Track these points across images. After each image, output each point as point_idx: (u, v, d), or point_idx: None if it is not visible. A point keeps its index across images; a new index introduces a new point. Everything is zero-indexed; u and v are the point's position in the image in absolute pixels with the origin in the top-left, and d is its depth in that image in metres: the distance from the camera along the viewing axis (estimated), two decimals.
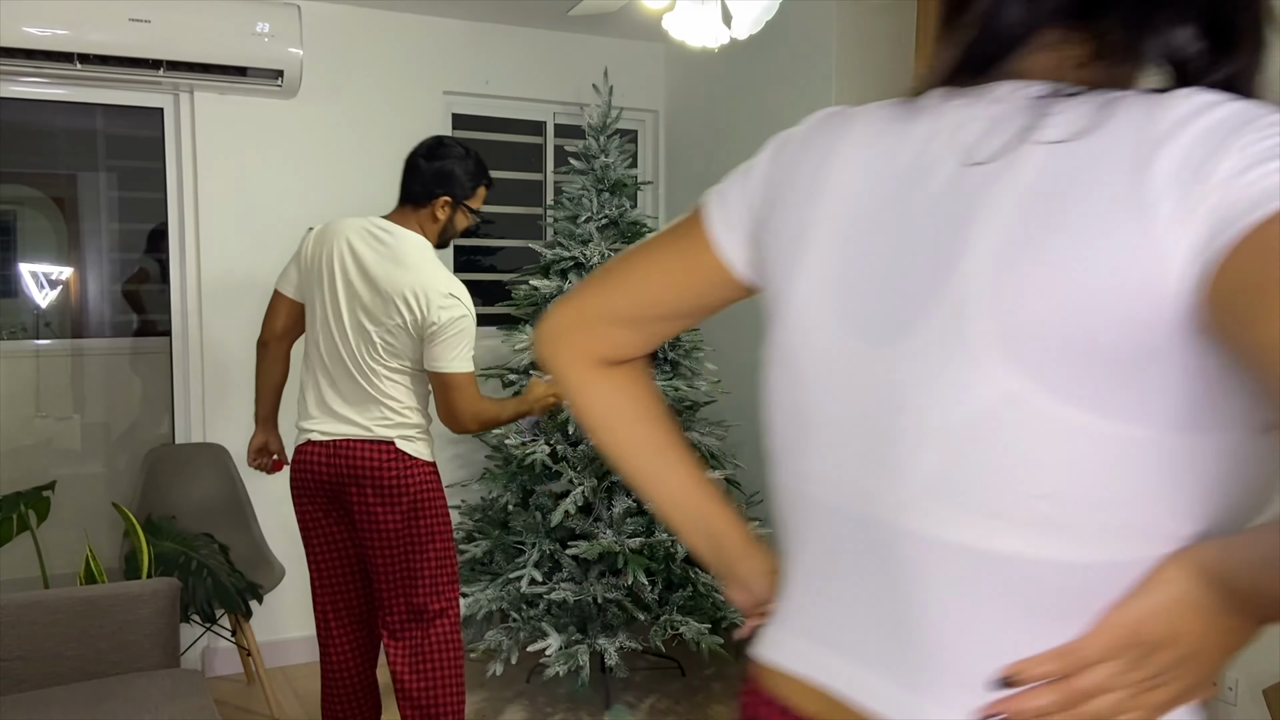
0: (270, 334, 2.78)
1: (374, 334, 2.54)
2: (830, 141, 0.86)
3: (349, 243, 2.62)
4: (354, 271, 2.59)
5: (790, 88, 3.85)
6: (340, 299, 2.59)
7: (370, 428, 2.56)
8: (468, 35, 4.23)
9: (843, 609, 0.81)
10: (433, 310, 2.48)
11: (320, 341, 2.62)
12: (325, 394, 2.62)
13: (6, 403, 3.83)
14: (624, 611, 3.42)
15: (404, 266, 2.54)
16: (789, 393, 0.89)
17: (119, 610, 2.67)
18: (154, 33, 3.39)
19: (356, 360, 2.56)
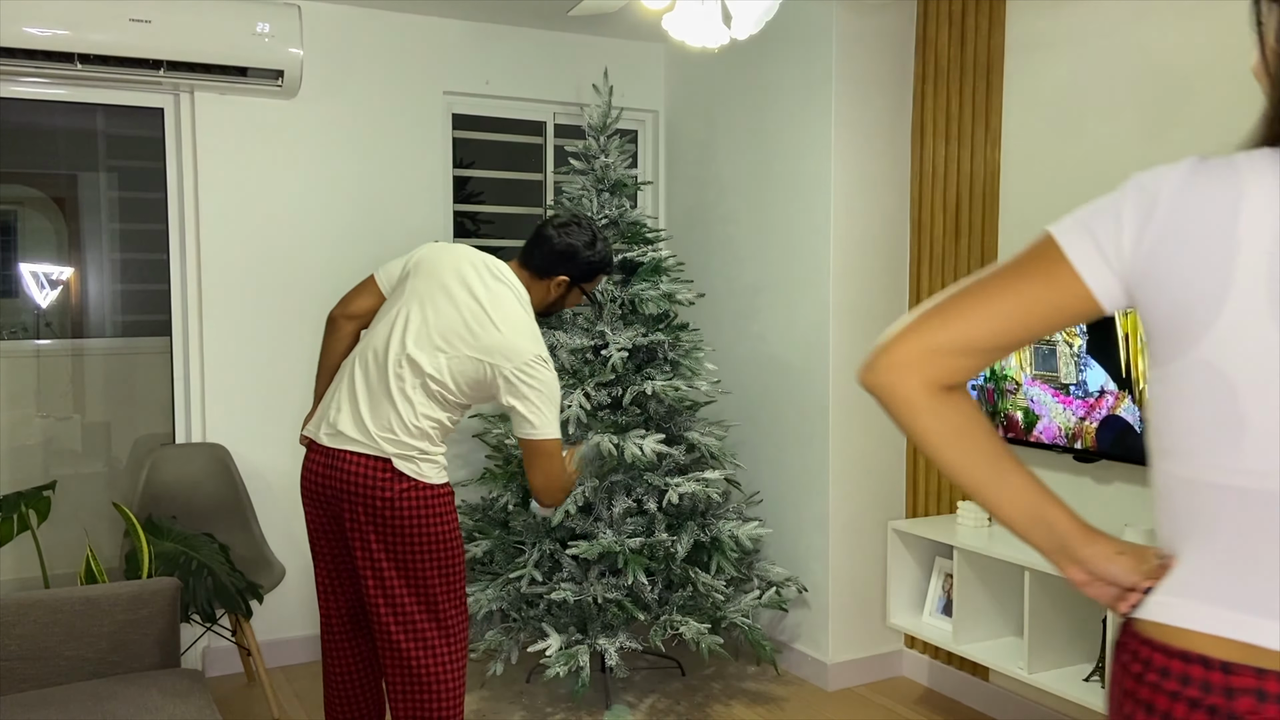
0: (344, 311, 2.70)
1: (439, 359, 2.47)
2: (1231, 189, 1.02)
3: (461, 268, 2.57)
4: (453, 296, 2.53)
5: (790, 88, 3.85)
6: (420, 310, 2.52)
7: (377, 443, 2.48)
8: (468, 35, 4.24)
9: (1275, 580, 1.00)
10: (520, 376, 2.44)
11: (376, 347, 2.54)
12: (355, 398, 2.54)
13: (7, 403, 3.83)
14: (624, 611, 3.42)
15: (501, 321, 2.49)
16: (1223, 401, 1.03)
17: (119, 610, 2.68)
18: (154, 33, 3.39)
19: (400, 377, 2.48)
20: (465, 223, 4.52)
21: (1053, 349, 3.10)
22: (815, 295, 3.76)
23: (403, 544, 2.51)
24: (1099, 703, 2.80)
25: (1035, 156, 3.33)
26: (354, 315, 2.70)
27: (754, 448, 4.13)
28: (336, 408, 2.56)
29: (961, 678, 3.66)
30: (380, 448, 2.47)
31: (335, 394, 2.59)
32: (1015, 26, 3.39)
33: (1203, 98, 2.84)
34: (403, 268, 2.65)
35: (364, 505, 2.48)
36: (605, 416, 3.56)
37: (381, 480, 2.46)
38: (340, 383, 2.60)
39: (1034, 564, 2.95)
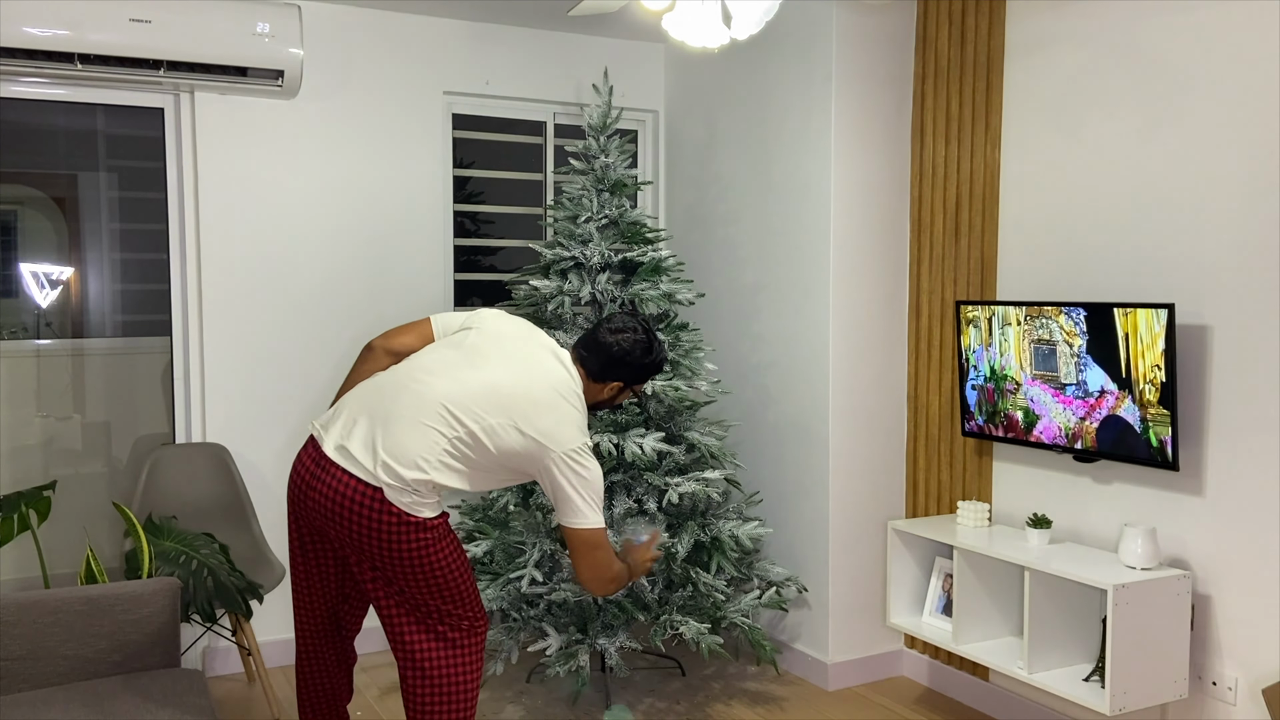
0: (386, 344, 2.63)
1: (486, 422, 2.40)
2: None
3: (528, 343, 2.54)
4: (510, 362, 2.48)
5: (790, 88, 3.85)
6: (471, 363, 2.46)
7: (377, 472, 2.37)
8: (468, 35, 4.24)
9: None
10: (559, 471, 2.41)
11: (423, 379, 2.44)
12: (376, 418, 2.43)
13: (7, 403, 3.83)
14: (624, 611, 3.42)
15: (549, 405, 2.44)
16: None
17: (119, 610, 2.68)
18: (154, 33, 3.39)
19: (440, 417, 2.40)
20: (465, 223, 4.52)
21: (1053, 349, 3.11)
22: (815, 295, 3.76)
23: (392, 571, 2.43)
24: (1099, 703, 2.80)
25: (1035, 156, 3.33)
26: (395, 351, 2.63)
27: (754, 448, 4.13)
28: (351, 420, 2.46)
29: (961, 678, 3.66)
30: (377, 476, 2.36)
31: (359, 405, 2.48)
32: (1015, 26, 3.39)
33: (1203, 97, 2.84)
34: (463, 321, 2.62)
35: (348, 525, 2.39)
36: (605, 416, 3.56)
37: (369, 506, 2.37)
38: (369, 398, 2.48)
39: (1034, 564, 2.95)
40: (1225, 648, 2.83)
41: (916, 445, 3.82)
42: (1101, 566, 2.89)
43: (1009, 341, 3.25)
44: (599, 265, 3.70)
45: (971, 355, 3.40)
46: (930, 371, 3.75)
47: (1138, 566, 2.87)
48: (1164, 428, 2.81)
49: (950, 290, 3.65)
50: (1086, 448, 3.03)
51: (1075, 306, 3.02)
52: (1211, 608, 2.86)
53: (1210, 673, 2.86)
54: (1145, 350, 2.83)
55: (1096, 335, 2.96)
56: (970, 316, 3.39)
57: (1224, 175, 2.79)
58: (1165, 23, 2.92)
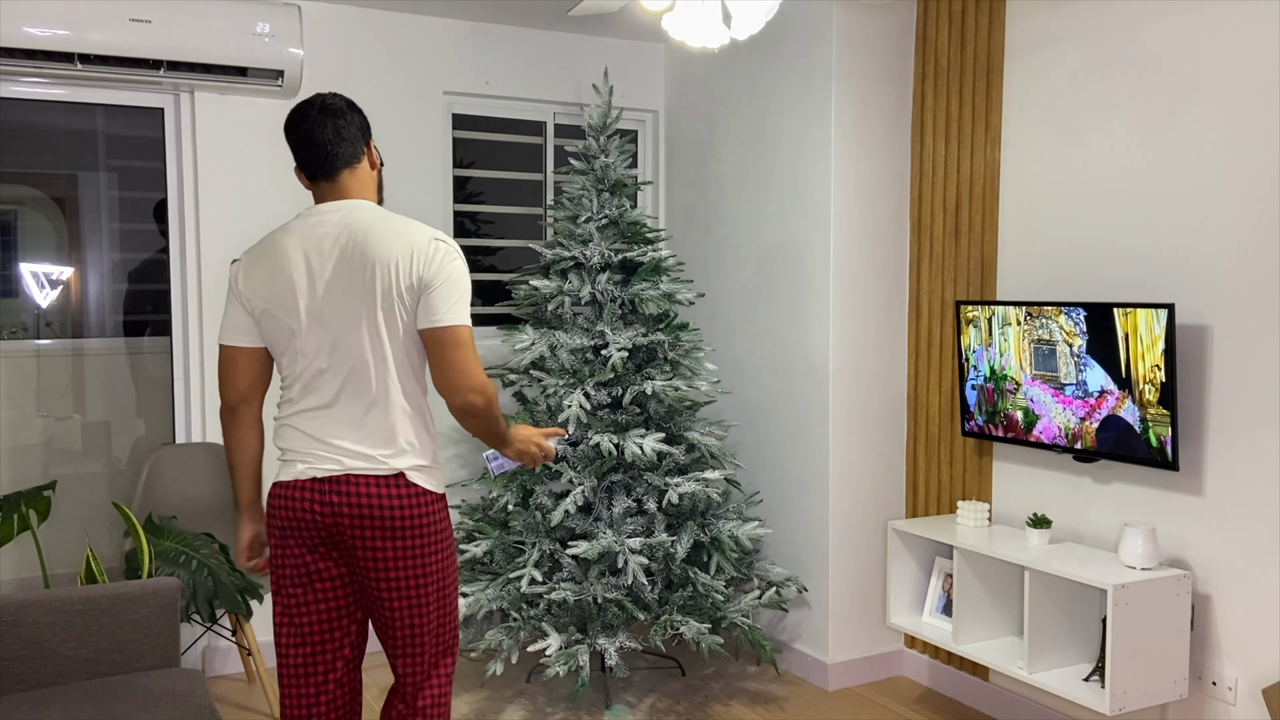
0: (236, 395, 2.29)
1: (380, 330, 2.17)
2: None
3: (305, 254, 2.21)
4: (323, 268, 2.19)
5: (790, 88, 3.85)
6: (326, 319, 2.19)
7: (376, 457, 2.20)
8: (468, 35, 4.24)
9: None
10: (431, 260, 2.15)
11: (307, 367, 2.22)
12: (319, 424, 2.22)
13: (7, 403, 3.83)
14: (624, 611, 3.42)
15: (376, 241, 2.17)
16: None
17: (119, 610, 2.68)
18: (154, 33, 3.39)
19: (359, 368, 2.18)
20: (465, 223, 4.52)
21: (1053, 349, 3.11)
22: (815, 295, 3.76)
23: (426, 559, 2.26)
24: (1099, 703, 2.80)
25: (1035, 156, 3.33)
26: (246, 394, 2.31)
27: (754, 448, 4.13)
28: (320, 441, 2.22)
29: (961, 677, 3.66)
30: (385, 464, 2.20)
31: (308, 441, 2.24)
32: (1015, 26, 3.39)
33: (1203, 98, 2.84)
34: (245, 309, 2.26)
35: (382, 528, 2.20)
36: (605, 416, 3.56)
37: (399, 497, 2.21)
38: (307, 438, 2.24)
39: (1034, 564, 2.95)
40: (1225, 648, 2.83)
41: (916, 445, 3.82)
42: (1101, 566, 2.89)
43: (1009, 341, 3.25)
44: (599, 265, 3.70)
45: (971, 355, 3.40)
46: (930, 371, 3.75)
47: (1138, 566, 2.87)
48: (1164, 428, 2.81)
49: (950, 290, 3.65)
50: (1086, 448, 3.03)
51: (1075, 306, 3.02)
52: (1211, 608, 2.86)
53: (1210, 673, 2.87)
54: (1145, 350, 2.83)
55: (1096, 335, 2.96)
56: (970, 316, 3.39)
57: (1224, 175, 2.79)
58: (1165, 23, 2.92)
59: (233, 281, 2.28)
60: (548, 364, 3.65)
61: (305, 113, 2.24)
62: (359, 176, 2.28)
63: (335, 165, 2.24)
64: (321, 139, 2.23)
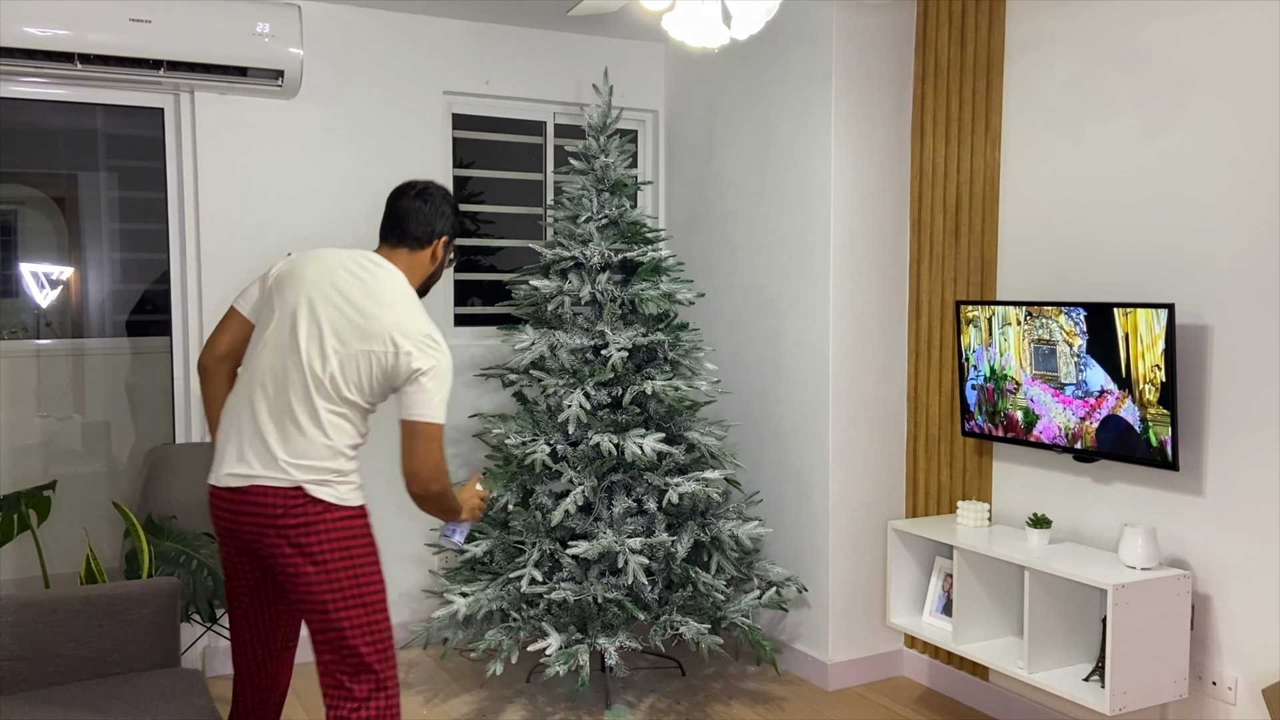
0: (210, 356, 2.50)
1: (334, 361, 2.32)
2: None
3: (329, 268, 2.41)
4: (328, 296, 2.37)
5: (790, 88, 3.85)
6: (301, 321, 2.35)
7: (289, 470, 2.30)
8: (468, 35, 4.24)
9: None
10: (416, 354, 2.32)
11: (270, 370, 2.35)
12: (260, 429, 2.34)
13: (7, 402, 3.83)
14: (624, 611, 3.42)
15: (387, 304, 2.36)
16: None
17: (119, 610, 2.68)
18: (154, 33, 3.39)
19: (303, 388, 2.32)
20: (465, 223, 4.52)
21: (1053, 349, 3.11)
22: (815, 295, 3.76)
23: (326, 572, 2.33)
24: (1099, 702, 2.80)
25: (1035, 156, 3.33)
26: (225, 356, 2.50)
27: (754, 448, 4.13)
28: (237, 446, 2.35)
29: (961, 677, 3.66)
30: (292, 476, 2.29)
31: (233, 431, 2.38)
32: (1015, 26, 3.39)
33: (1203, 98, 2.84)
34: (261, 288, 2.47)
35: (281, 539, 2.30)
36: (605, 416, 3.56)
37: (297, 509, 2.30)
38: (237, 418, 2.38)
39: (1034, 564, 2.95)
40: (1225, 648, 2.83)
41: (916, 445, 3.82)
42: (1101, 566, 2.89)
43: (1009, 341, 3.25)
44: (599, 265, 3.70)
45: (971, 355, 3.40)
46: (930, 371, 3.75)
47: (1138, 566, 2.87)
48: (1164, 428, 2.81)
49: (950, 290, 3.65)
50: (1086, 448, 3.03)
51: (1075, 306, 3.02)
52: (1211, 608, 2.86)
53: (1210, 673, 2.87)
54: (1145, 350, 2.83)
55: (1096, 335, 2.96)
56: (970, 316, 3.39)
57: (1224, 175, 2.79)
58: (1165, 23, 2.92)
59: (273, 267, 2.50)
60: (548, 364, 3.65)
61: (405, 190, 2.54)
62: (415, 258, 2.52)
63: (402, 241, 2.51)
64: (399, 212, 2.52)
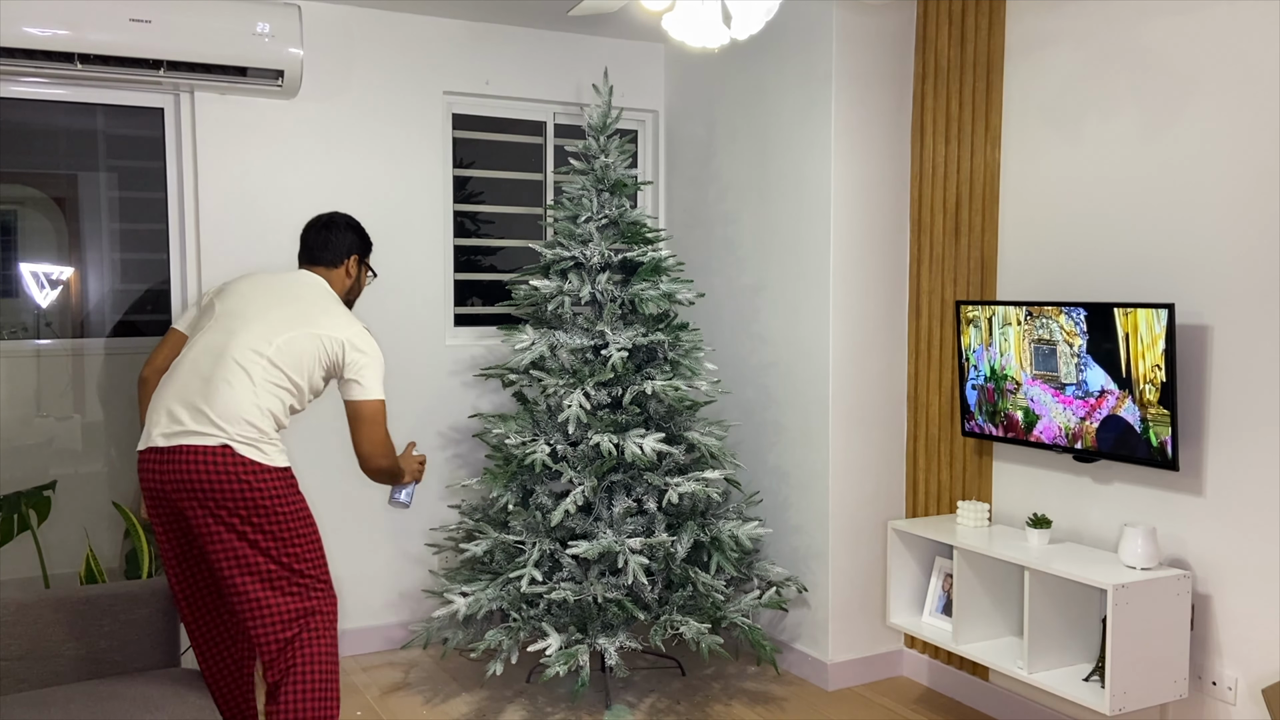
0: (150, 369, 2.81)
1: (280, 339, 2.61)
2: None
3: (265, 278, 2.80)
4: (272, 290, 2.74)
5: (790, 88, 3.85)
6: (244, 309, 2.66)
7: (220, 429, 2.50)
8: (468, 35, 4.24)
9: None
10: (353, 347, 2.68)
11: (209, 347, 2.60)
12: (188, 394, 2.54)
13: (7, 403, 3.83)
14: (624, 611, 3.42)
15: (323, 306, 2.73)
16: None
17: (119, 610, 2.68)
18: (154, 33, 3.39)
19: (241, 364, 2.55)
20: (465, 223, 4.52)
21: (1053, 349, 3.11)
22: (815, 295, 3.76)
23: (253, 527, 2.50)
24: (1099, 703, 2.80)
25: (1035, 156, 3.33)
26: (162, 367, 2.80)
27: (754, 448, 4.13)
28: (168, 409, 2.54)
29: (961, 677, 3.66)
30: (223, 433, 2.49)
31: (164, 399, 2.57)
32: (1015, 26, 3.39)
33: (1203, 98, 2.84)
34: (199, 307, 2.82)
35: (208, 495, 2.47)
36: (605, 416, 3.56)
37: (224, 465, 2.47)
38: (167, 388, 2.59)
39: (1034, 564, 2.95)
40: (1225, 648, 2.83)
41: (916, 445, 3.82)
42: (1101, 566, 2.89)
43: (1009, 341, 3.25)
44: (599, 265, 3.70)
45: (971, 355, 3.40)
46: (930, 371, 3.75)
47: (1138, 566, 2.87)
48: (1164, 428, 2.81)
49: (950, 290, 3.65)
50: (1087, 448, 3.03)
51: (1075, 306, 3.02)
52: (1211, 608, 2.86)
53: (1210, 673, 2.87)
54: (1146, 350, 2.83)
55: (1097, 335, 2.96)
56: (970, 316, 3.39)
57: (1224, 175, 2.79)
58: (1165, 23, 2.92)
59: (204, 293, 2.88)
60: (548, 364, 3.65)
61: (312, 224, 2.95)
62: (331, 275, 2.92)
63: (315, 264, 2.92)
64: (309, 240, 2.93)
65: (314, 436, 4.04)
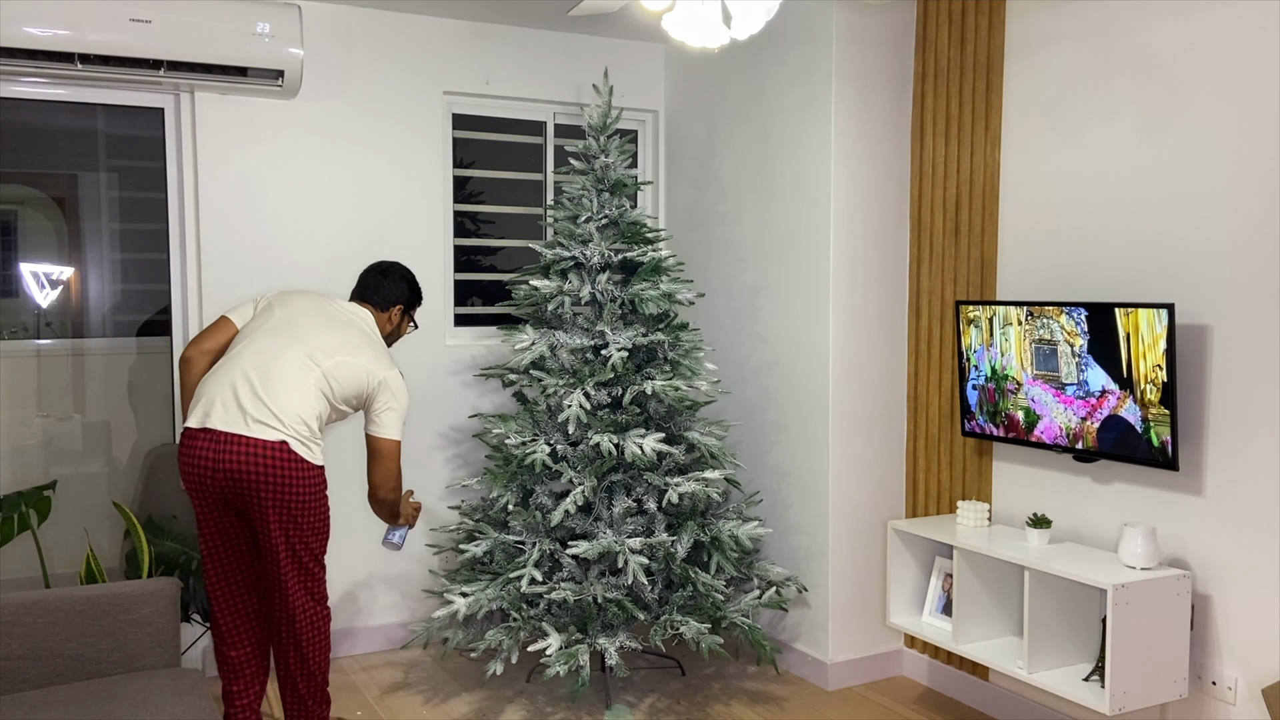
0: (197, 350, 3.01)
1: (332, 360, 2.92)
2: None
3: (320, 298, 3.10)
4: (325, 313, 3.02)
5: (790, 88, 3.85)
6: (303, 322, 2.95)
7: (276, 428, 2.79)
8: (468, 35, 4.24)
9: None
10: (385, 388, 2.99)
11: (266, 350, 2.89)
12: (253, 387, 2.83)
13: (7, 403, 3.83)
14: (624, 611, 3.42)
15: (368, 340, 3.03)
16: None
17: (119, 610, 2.68)
18: (154, 33, 3.39)
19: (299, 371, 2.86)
20: (465, 223, 4.52)
21: (1054, 349, 3.11)
22: (815, 295, 3.76)
23: (299, 518, 2.85)
24: (1099, 702, 2.80)
25: (1035, 156, 3.33)
26: (210, 350, 3.02)
27: (754, 448, 4.13)
28: (229, 397, 2.82)
29: (961, 677, 3.66)
30: (283, 429, 2.80)
31: (223, 385, 2.85)
32: (1015, 26, 3.39)
33: (1203, 98, 2.84)
34: (255, 306, 3.08)
35: (266, 484, 2.78)
36: (605, 416, 3.56)
37: (284, 460, 2.79)
38: (226, 375, 2.86)
39: (1034, 564, 2.95)
40: (1225, 648, 2.83)
41: (916, 445, 3.82)
42: (1101, 566, 2.89)
43: (1010, 341, 3.25)
44: (599, 265, 3.70)
45: (972, 355, 3.40)
46: (930, 371, 3.75)
47: (1137, 566, 2.87)
48: (1164, 428, 2.81)
49: (950, 290, 3.65)
50: (1087, 448, 3.03)
51: (1076, 306, 3.02)
52: (1211, 608, 2.86)
53: (1210, 673, 2.87)
54: (1147, 350, 2.83)
55: (1097, 335, 2.96)
56: (971, 316, 3.39)
57: (1224, 175, 2.79)
58: (1165, 23, 2.92)
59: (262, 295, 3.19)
60: (548, 364, 3.65)
61: (374, 267, 3.26)
62: (378, 316, 3.19)
63: (366, 301, 3.20)
64: (365, 281, 3.22)
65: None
